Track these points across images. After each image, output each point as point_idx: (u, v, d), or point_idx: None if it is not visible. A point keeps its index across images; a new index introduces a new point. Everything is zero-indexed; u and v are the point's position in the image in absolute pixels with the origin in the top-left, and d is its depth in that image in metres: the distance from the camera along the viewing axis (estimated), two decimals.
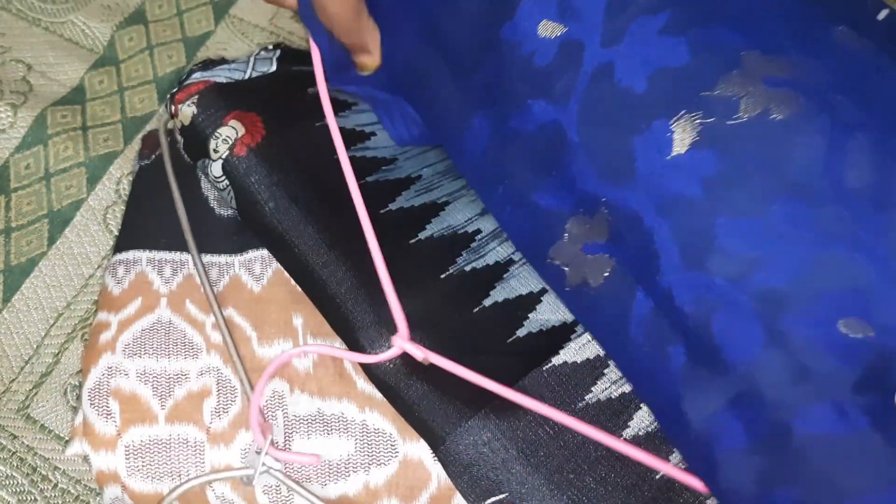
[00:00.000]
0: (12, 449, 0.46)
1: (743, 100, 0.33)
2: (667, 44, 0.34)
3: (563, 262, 0.37)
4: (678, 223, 0.33)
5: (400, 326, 0.37)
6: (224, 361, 0.41)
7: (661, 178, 0.34)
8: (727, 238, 0.32)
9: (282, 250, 0.41)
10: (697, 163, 0.33)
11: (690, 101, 0.33)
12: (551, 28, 0.37)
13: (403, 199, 0.43)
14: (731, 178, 0.32)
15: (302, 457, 0.38)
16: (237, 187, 0.41)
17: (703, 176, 0.33)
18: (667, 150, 0.34)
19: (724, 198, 0.33)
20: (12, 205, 0.52)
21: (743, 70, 0.33)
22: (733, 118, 0.33)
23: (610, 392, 0.38)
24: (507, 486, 0.36)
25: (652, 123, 0.34)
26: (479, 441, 0.36)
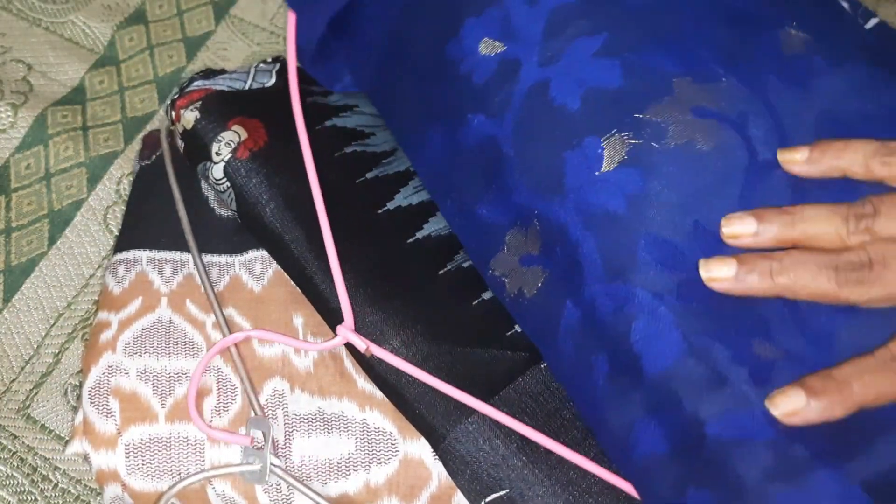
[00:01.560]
0: (13, 449, 0.46)
1: (671, 127, 0.34)
2: (601, 65, 0.35)
3: (502, 272, 0.38)
4: (603, 236, 0.34)
5: (346, 316, 0.38)
6: (224, 360, 0.41)
7: (589, 192, 0.35)
8: (648, 254, 0.33)
9: (280, 252, 0.41)
10: (623, 180, 0.34)
11: (623, 122, 0.34)
12: (492, 46, 0.38)
13: (402, 196, 0.43)
14: (654, 199, 0.33)
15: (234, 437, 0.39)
16: (238, 190, 0.41)
17: (628, 193, 0.34)
18: (596, 167, 0.35)
19: (646, 216, 0.33)
20: (13, 205, 0.52)
21: (674, 97, 0.34)
22: (661, 142, 0.34)
23: None
24: (507, 482, 0.36)
25: (584, 140, 0.35)
26: (479, 438, 0.36)
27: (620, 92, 0.35)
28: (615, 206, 0.34)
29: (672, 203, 0.33)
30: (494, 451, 0.36)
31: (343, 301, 0.38)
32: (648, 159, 0.34)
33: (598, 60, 0.35)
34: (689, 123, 0.34)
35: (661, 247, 0.33)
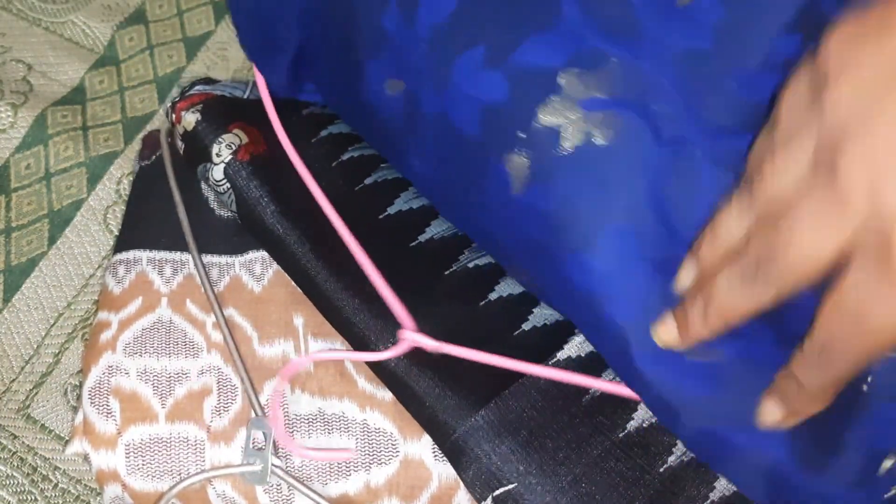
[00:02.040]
0: (13, 449, 0.46)
1: (562, 128, 0.32)
2: (486, 79, 0.33)
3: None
4: (539, 265, 0.34)
5: (404, 321, 0.38)
6: (224, 360, 0.41)
7: (512, 220, 0.33)
8: (578, 277, 0.32)
9: (281, 253, 0.41)
10: (534, 200, 0.32)
11: (516, 138, 0.32)
12: (394, 85, 0.36)
13: (402, 201, 0.43)
14: (566, 213, 0.32)
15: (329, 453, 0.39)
16: (238, 191, 0.41)
17: (542, 213, 0.32)
18: (508, 192, 0.33)
19: (562, 235, 0.32)
20: (13, 205, 0.52)
21: (562, 94, 0.32)
22: (557, 149, 0.32)
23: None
24: (515, 477, 0.36)
25: (489, 167, 0.33)
26: (489, 432, 0.37)
27: (508, 104, 0.32)
28: (536, 231, 0.33)
29: (585, 218, 0.32)
30: (503, 445, 0.36)
31: (397, 308, 0.38)
32: (549, 172, 0.32)
33: (482, 74, 0.33)
34: (581, 119, 0.31)
35: (585, 269, 0.32)
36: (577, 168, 0.32)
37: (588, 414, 0.37)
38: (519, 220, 0.33)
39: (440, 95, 0.34)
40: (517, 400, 0.37)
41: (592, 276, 0.32)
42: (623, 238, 0.31)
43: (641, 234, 0.31)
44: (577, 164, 0.32)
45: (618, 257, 0.32)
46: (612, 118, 0.31)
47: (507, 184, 0.33)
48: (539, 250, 0.33)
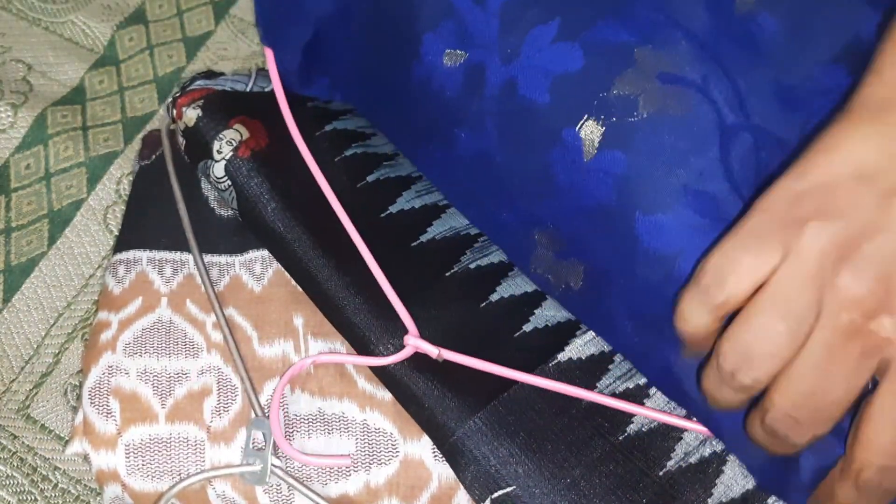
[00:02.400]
0: (12, 449, 0.46)
1: (641, 98, 0.34)
2: (561, 50, 0.35)
3: (544, 270, 0.39)
4: (604, 229, 0.34)
5: (409, 325, 0.38)
6: (224, 360, 0.41)
7: (580, 186, 0.35)
8: (650, 237, 0.33)
9: (282, 252, 0.41)
10: (607, 164, 0.34)
11: (591, 105, 0.34)
12: (454, 56, 0.38)
13: (404, 199, 0.43)
14: (641, 175, 0.33)
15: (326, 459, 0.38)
16: (239, 188, 0.41)
17: (615, 176, 0.34)
18: (579, 158, 0.34)
19: (637, 195, 0.33)
20: (12, 205, 0.52)
21: (637, 68, 0.34)
22: (634, 115, 0.34)
23: (614, 388, 0.38)
24: (514, 479, 0.36)
25: (560, 134, 0.35)
26: (488, 434, 0.36)
27: (584, 74, 0.35)
28: (606, 195, 0.34)
29: (659, 177, 0.33)
30: (502, 447, 0.36)
31: (402, 313, 0.38)
32: (626, 136, 0.34)
33: (556, 47, 0.35)
34: (657, 91, 0.34)
35: (660, 228, 0.33)
36: (653, 133, 0.33)
37: (588, 416, 0.37)
38: (587, 185, 0.35)
39: (508, 65, 0.36)
40: (516, 402, 0.37)
41: (667, 236, 0.33)
42: (699, 198, 0.33)
43: (715, 197, 0.33)
44: (654, 129, 0.33)
45: (693, 216, 0.33)
46: (684, 94, 0.33)
47: (579, 150, 0.34)
48: (605, 214, 0.34)
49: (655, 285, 0.34)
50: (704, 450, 0.37)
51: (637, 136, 0.33)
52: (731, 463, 0.37)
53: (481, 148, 0.38)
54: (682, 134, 0.33)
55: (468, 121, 0.38)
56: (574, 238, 0.36)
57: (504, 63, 0.36)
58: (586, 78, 0.34)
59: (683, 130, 0.33)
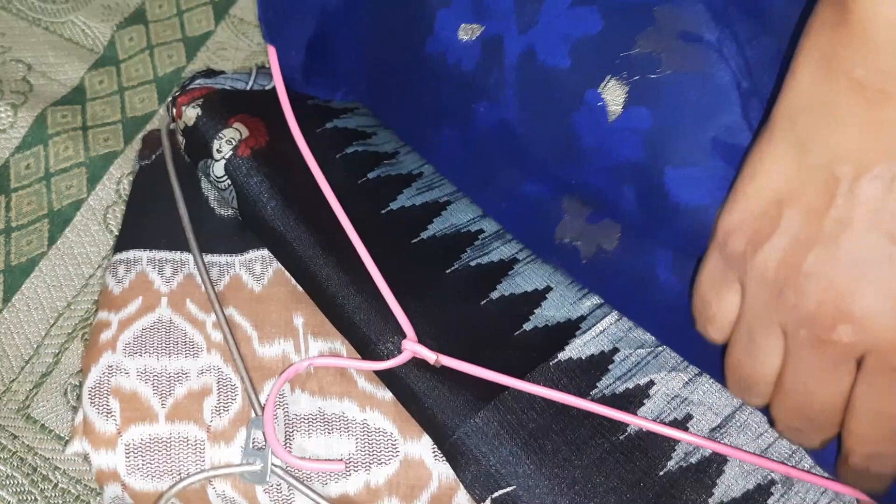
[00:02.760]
0: (13, 449, 0.46)
1: (663, 55, 0.34)
2: (580, 14, 0.35)
3: (573, 237, 0.38)
4: (637, 186, 0.34)
5: (407, 330, 0.38)
6: (224, 360, 0.41)
7: (607, 146, 0.35)
8: (679, 190, 0.33)
9: (282, 251, 0.41)
10: (633, 121, 0.34)
11: (613, 65, 0.34)
12: (470, 30, 0.38)
13: (405, 196, 0.43)
14: (668, 129, 0.34)
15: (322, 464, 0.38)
16: (239, 187, 0.41)
17: (642, 133, 0.34)
18: (604, 119, 0.34)
19: (665, 150, 0.34)
20: (12, 205, 0.52)
21: (657, 26, 0.34)
22: (657, 72, 0.34)
23: (615, 388, 0.38)
24: (514, 479, 0.36)
25: (584, 96, 0.35)
26: (488, 433, 0.36)
27: (604, 35, 0.35)
28: (634, 152, 0.34)
29: (687, 130, 0.33)
30: (502, 446, 0.36)
31: (401, 318, 0.38)
32: (650, 92, 0.34)
33: (575, 10, 0.35)
34: (679, 48, 0.34)
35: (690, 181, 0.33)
36: (677, 89, 0.33)
37: (588, 415, 0.37)
38: (613, 143, 0.35)
39: (526, 34, 0.36)
40: (517, 401, 0.37)
41: (697, 189, 0.33)
42: (727, 150, 0.33)
43: (742, 148, 0.32)
44: (679, 85, 0.33)
45: (723, 167, 0.33)
46: (705, 52, 0.34)
47: (603, 110, 0.34)
48: (634, 170, 0.34)
49: (691, 237, 0.34)
50: (705, 450, 0.37)
51: (662, 92, 0.34)
52: (732, 463, 0.36)
53: (501, 120, 0.38)
54: (707, 91, 0.33)
55: (487, 94, 0.38)
56: (605, 198, 0.36)
57: (522, 32, 0.36)
58: (607, 39, 0.34)
59: (708, 87, 0.33)
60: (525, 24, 0.36)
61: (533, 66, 0.36)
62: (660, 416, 0.37)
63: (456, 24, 0.38)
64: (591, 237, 0.38)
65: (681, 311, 0.36)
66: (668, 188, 0.34)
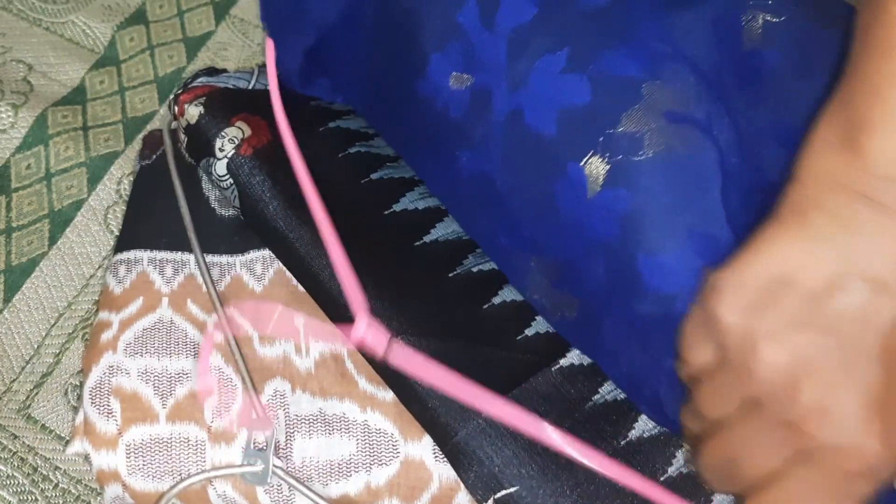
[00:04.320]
0: (13, 449, 0.46)
1: (647, 136, 0.33)
2: (569, 81, 0.34)
3: (540, 296, 0.38)
4: (606, 263, 0.34)
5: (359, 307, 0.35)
6: (225, 360, 0.41)
7: (583, 221, 0.34)
8: (651, 276, 0.33)
9: (283, 250, 0.41)
10: (611, 202, 0.34)
11: (597, 141, 0.34)
12: (460, 79, 0.37)
13: (408, 200, 0.43)
14: (644, 216, 0.33)
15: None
16: (241, 186, 0.41)
17: (618, 215, 0.33)
18: (582, 194, 0.34)
19: (639, 235, 0.33)
20: (13, 205, 0.52)
21: (644, 104, 0.33)
22: (639, 154, 0.33)
23: (616, 394, 0.38)
24: (517, 480, 0.36)
25: (566, 167, 0.34)
26: (492, 435, 0.36)
27: (592, 108, 0.34)
28: (610, 232, 0.34)
29: (663, 217, 0.33)
30: (506, 447, 0.36)
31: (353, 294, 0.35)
32: (631, 175, 0.33)
33: (565, 77, 0.35)
34: (663, 130, 0.33)
35: (662, 269, 0.33)
36: (657, 173, 0.33)
37: (590, 420, 0.37)
38: (590, 220, 0.34)
39: (516, 93, 0.35)
40: (520, 404, 0.37)
41: (667, 276, 0.33)
42: (701, 241, 0.33)
43: (716, 239, 0.33)
44: (658, 169, 0.33)
45: (694, 259, 0.33)
46: (689, 132, 0.33)
47: (583, 185, 0.34)
48: (606, 249, 0.34)
49: (653, 322, 0.34)
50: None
51: (642, 176, 0.33)
52: None
53: (483, 171, 0.38)
54: (687, 174, 0.33)
55: (472, 143, 0.37)
56: (570, 270, 0.36)
57: (511, 90, 0.36)
58: (594, 113, 0.34)
59: (688, 171, 0.33)
60: (515, 83, 0.36)
61: (519, 126, 0.36)
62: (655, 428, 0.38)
63: (448, 70, 0.37)
64: (555, 300, 0.38)
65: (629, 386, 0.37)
66: (641, 272, 0.33)
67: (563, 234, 0.35)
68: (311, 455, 0.39)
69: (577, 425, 0.37)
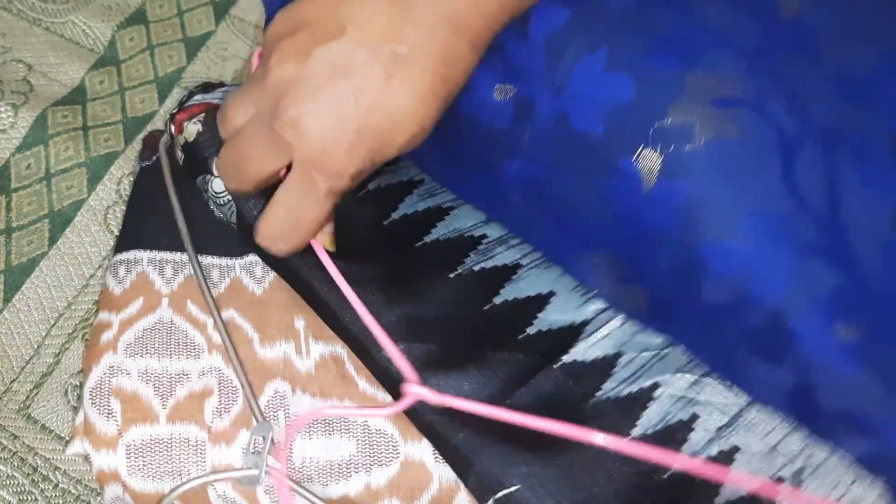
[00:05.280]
0: (13, 449, 0.46)
1: (696, 124, 0.34)
2: (612, 81, 0.35)
3: (609, 291, 0.39)
4: (671, 256, 0.34)
5: (407, 374, 0.36)
6: (225, 361, 0.41)
7: (642, 215, 0.35)
8: (717, 263, 0.33)
9: (282, 266, 0.42)
10: (668, 193, 0.34)
11: (646, 134, 0.34)
12: (504, 91, 0.38)
13: (407, 205, 0.43)
14: (703, 203, 0.33)
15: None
16: (240, 206, 0.41)
17: (677, 205, 0.34)
18: (637, 188, 0.34)
19: (700, 223, 0.34)
20: (13, 205, 0.52)
21: (689, 94, 0.34)
22: (691, 143, 0.33)
23: (619, 391, 0.38)
24: (517, 479, 0.36)
25: (618, 164, 0.35)
26: (492, 435, 0.37)
27: (637, 104, 0.34)
28: (669, 223, 0.34)
29: (723, 203, 0.33)
30: (506, 447, 0.36)
31: (400, 362, 0.36)
32: (684, 164, 0.34)
33: (607, 76, 0.35)
34: (712, 116, 0.33)
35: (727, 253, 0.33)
36: (712, 160, 0.33)
37: (593, 417, 0.37)
38: (648, 213, 0.35)
39: (559, 97, 0.36)
40: (523, 406, 0.37)
41: (735, 261, 0.33)
42: (764, 222, 0.33)
43: (782, 218, 0.33)
44: (712, 156, 0.33)
45: (761, 240, 0.33)
46: (738, 115, 0.33)
47: (637, 180, 0.34)
48: (668, 241, 0.34)
49: (727, 308, 0.34)
50: (711, 449, 0.37)
51: (696, 164, 0.33)
52: (738, 462, 0.37)
53: (534, 178, 0.38)
54: (742, 157, 0.33)
55: (520, 152, 0.38)
56: (635, 264, 0.36)
57: (554, 95, 0.36)
58: (639, 108, 0.34)
59: (743, 153, 0.33)
60: (556, 87, 0.36)
61: (566, 130, 0.36)
62: (665, 418, 0.37)
63: (491, 83, 0.38)
64: (623, 296, 0.38)
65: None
66: (705, 259, 0.34)
67: (622, 230, 0.36)
68: (311, 455, 0.39)
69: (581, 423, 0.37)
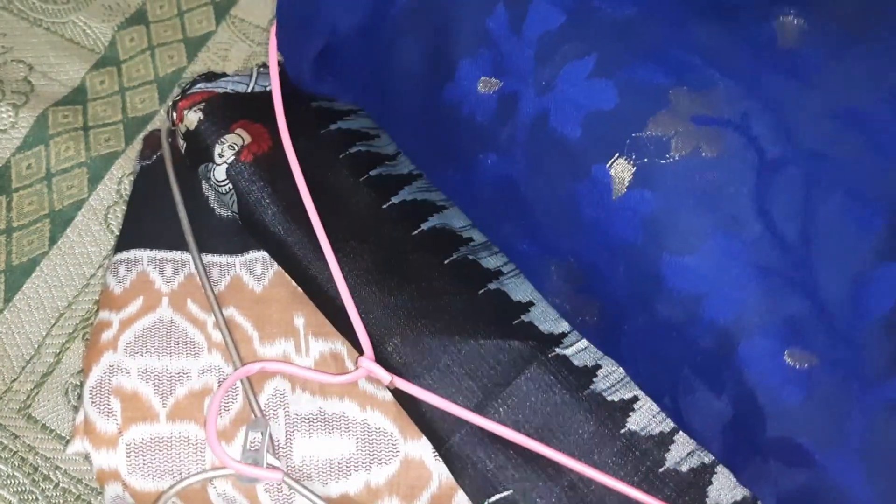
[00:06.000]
0: (13, 448, 0.46)
1: (673, 140, 0.33)
2: (596, 87, 0.35)
3: (562, 301, 0.38)
4: (629, 268, 0.34)
5: (366, 349, 0.38)
6: (225, 360, 0.41)
7: (606, 223, 0.35)
8: (674, 277, 0.33)
9: (282, 255, 0.42)
10: (636, 203, 0.34)
11: (623, 144, 0.34)
12: (489, 84, 0.37)
13: (406, 192, 0.43)
14: (669, 217, 0.33)
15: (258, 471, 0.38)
16: (240, 192, 0.41)
17: (643, 216, 0.34)
18: (607, 195, 0.34)
19: (663, 236, 0.33)
20: (14, 205, 0.52)
21: (671, 109, 0.34)
22: (666, 157, 0.33)
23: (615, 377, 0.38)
24: (510, 483, 0.36)
25: (590, 169, 0.35)
26: (486, 438, 0.37)
27: (617, 112, 0.34)
28: (633, 234, 0.34)
29: (688, 219, 0.33)
30: (499, 451, 0.36)
31: (361, 334, 0.39)
32: (656, 177, 0.33)
33: (592, 82, 0.35)
34: (690, 133, 0.33)
35: (686, 269, 0.33)
36: (683, 175, 0.33)
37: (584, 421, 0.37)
38: (613, 222, 0.34)
39: (542, 97, 0.36)
40: (512, 405, 0.37)
41: (692, 277, 0.33)
42: (727, 241, 0.33)
43: (746, 240, 0.33)
44: (685, 172, 0.33)
45: (721, 259, 0.33)
46: (718, 134, 0.33)
47: (608, 188, 0.34)
48: (629, 252, 0.34)
49: (677, 326, 0.34)
50: (699, 457, 0.37)
51: (668, 178, 0.33)
52: (719, 475, 0.37)
53: (507, 175, 0.38)
54: (714, 176, 0.33)
55: (497, 148, 0.38)
56: (592, 273, 0.36)
57: (538, 94, 0.36)
58: (619, 116, 0.34)
59: (716, 172, 0.33)
60: (542, 87, 0.36)
61: (544, 130, 0.36)
62: (645, 429, 0.38)
63: (477, 75, 0.38)
64: (576, 306, 0.38)
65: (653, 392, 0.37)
66: (663, 274, 0.33)
67: (586, 237, 0.35)
68: (310, 454, 0.39)
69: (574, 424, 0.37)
